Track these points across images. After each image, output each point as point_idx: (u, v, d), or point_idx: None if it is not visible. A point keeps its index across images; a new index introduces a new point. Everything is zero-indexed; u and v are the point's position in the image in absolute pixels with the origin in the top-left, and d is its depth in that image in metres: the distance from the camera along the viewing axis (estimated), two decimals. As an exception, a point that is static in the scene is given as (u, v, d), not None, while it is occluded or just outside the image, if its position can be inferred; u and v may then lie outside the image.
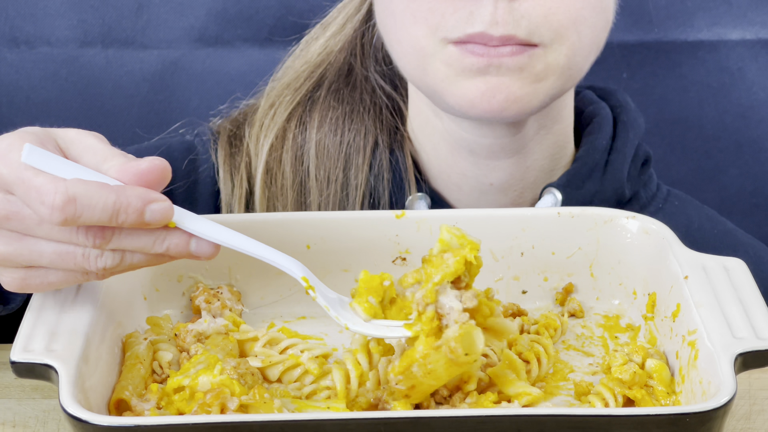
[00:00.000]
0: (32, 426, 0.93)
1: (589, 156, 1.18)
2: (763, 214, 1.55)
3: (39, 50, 1.47)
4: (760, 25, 1.50)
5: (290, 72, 1.24)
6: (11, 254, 0.86)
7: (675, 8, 1.51)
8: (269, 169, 1.19)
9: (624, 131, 1.22)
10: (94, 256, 0.85)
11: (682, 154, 1.55)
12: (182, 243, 0.86)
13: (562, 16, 1.06)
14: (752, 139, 1.54)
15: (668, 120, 1.54)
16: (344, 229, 1.01)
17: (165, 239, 0.86)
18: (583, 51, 1.09)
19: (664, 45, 1.52)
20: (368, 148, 1.19)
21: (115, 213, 0.83)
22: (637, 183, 1.22)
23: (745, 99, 1.52)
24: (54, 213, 0.81)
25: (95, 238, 0.84)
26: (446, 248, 0.88)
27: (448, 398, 0.91)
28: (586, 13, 1.07)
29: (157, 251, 0.86)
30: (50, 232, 0.84)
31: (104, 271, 0.86)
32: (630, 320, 1.01)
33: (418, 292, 0.87)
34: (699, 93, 1.53)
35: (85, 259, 0.85)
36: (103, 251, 0.85)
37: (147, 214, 0.84)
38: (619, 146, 1.20)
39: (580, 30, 1.07)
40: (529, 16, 1.05)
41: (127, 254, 0.86)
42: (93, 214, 0.82)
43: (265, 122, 1.21)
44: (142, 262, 0.87)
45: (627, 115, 1.23)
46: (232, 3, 1.48)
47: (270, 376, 0.94)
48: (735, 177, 1.54)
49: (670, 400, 0.90)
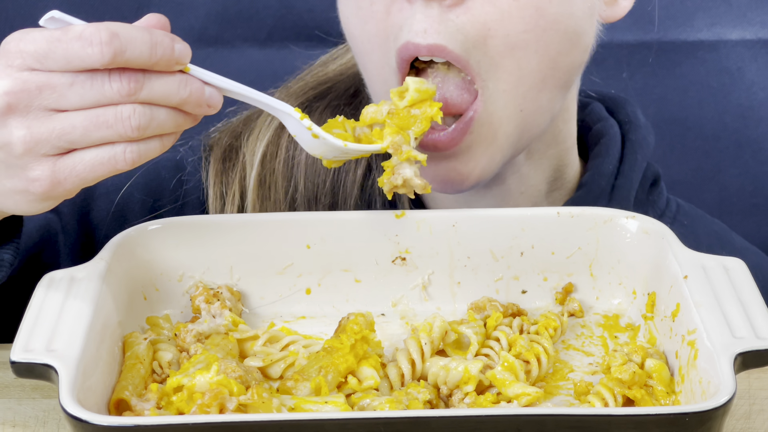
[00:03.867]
0: (32, 426, 0.93)
1: (595, 182, 1.15)
2: (762, 214, 1.55)
3: (39, 50, 1.46)
4: (760, 25, 1.50)
5: (300, 82, 1.23)
6: (44, 134, 0.85)
7: (675, 8, 1.51)
8: (262, 180, 1.18)
9: (632, 153, 1.18)
10: (126, 113, 0.86)
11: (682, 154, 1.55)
12: (199, 88, 0.88)
13: (499, 42, 0.99)
14: (752, 139, 1.54)
15: (668, 120, 1.54)
16: (344, 229, 1.01)
17: (186, 84, 0.87)
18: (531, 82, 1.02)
19: (664, 45, 1.52)
20: (360, 170, 1.17)
21: (153, 46, 0.85)
22: (645, 204, 1.19)
23: (745, 99, 1.52)
24: (104, 49, 0.83)
25: (129, 82, 0.85)
26: (413, 102, 0.98)
27: (448, 398, 0.92)
28: (530, 38, 1.00)
29: (181, 96, 0.87)
30: (82, 93, 0.85)
31: (137, 131, 0.86)
32: (630, 320, 1.01)
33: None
34: (699, 93, 1.53)
35: (117, 120, 0.86)
36: (134, 108, 0.86)
37: (176, 48, 0.86)
38: (626, 170, 1.17)
39: (519, 59, 1.00)
40: (467, 33, 0.99)
41: (156, 110, 0.87)
42: (135, 48, 0.84)
43: (263, 128, 1.20)
44: (167, 122, 0.87)
45: (636, 134, 1.19)
46: (232, 3, 1.49)
47: (272, 374, 0.94)
48: (735, 177, 1.55)
49: (670, 400, 0.91)
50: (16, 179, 0.88)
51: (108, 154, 0.87)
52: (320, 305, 1.02)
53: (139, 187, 1.18)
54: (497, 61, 1.00)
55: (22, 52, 0.85)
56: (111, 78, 0.85)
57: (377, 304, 1.02)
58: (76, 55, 0.84)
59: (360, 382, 0.91)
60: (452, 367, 0.92)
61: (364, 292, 1.02)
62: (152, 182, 1.19)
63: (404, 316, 1.02)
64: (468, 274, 1.02)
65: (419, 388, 0.90)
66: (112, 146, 0.87)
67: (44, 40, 0.84)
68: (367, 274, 1.02)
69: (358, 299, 1.02)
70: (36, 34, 0.85)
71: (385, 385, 0.93)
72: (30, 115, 0.85)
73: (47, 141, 0.86)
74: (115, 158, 0.87)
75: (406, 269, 1.02)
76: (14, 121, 0.86)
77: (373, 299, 1.02)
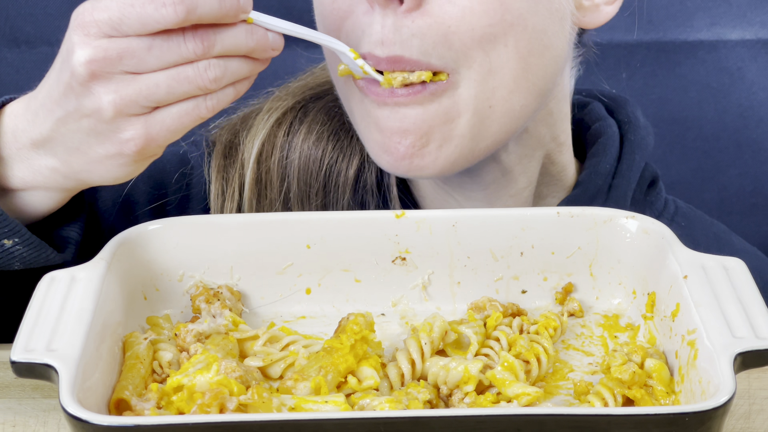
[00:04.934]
0: (32, 426, 0.93)
1: (592, 181, 1.15)
2: (762, 213, 1.55)
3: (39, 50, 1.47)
4: (760, 25, 1.51)
5: (300, 83, 1.23)
6: (132, 95, 0.90)
7: (675, 8, 1.51)
8: (258, 179, 1.18)
9: (630, 153, 1.17)
10: (203, 67, 0.91)
11: (682, 154, 1.55)
12: (264, 35, 0.93)
13: (464, 36, 0.99)
14: (752, 139, 1.54)
15: (668, 120, 1.54)
16: (344, 229, 1.01)
17: (252, 33, 0.92)
18: (502, 78, 1.02)
19: (664, 45, 1.52)
20: (352, 170, 1.17)
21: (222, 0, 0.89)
22: (642, 205, 1.19)
23: (745, 99, 1.52)
24: (177, 8, 0.87)
25: (203, 40, 0.90)
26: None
27: (448, 398, 0.92)
28: (497, 31, 0.99)
29: (248, 45, 0.92)
30: (161, 56, 0.90)
31: (215, 82, 0.91)
32: (629, 320, 1.01)
33: None
34: (699, 93, 1.53)
35: (196, 74, 0.91)
36: (210, 62, 0.91)
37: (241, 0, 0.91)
38: (623, 170, 1.16)
39: (488, 51, 1.00)
40: (423, 36, 0.99)
41: (228, 61, 0.92)
42: (206, 4, 0.89)
43: (260, 125, 1.20)
44: (240, 70, 0.93)
45: (635, 134, 1.19)
46: (232, 3, 1.48)
47: (272, 374, 0.94)
48: (735, 177, 1.55)
49: (670, 400, 0.91)
50: (108, 144, 0.93)
51: (191, 105, 0.92)
52: (320, 305, 1.02)
53: (144, 178, 1.20)
54: (465, 52, 1.00)
55: (98, 21, 0.89)
56: (186, 38, 0.90)
57: (377, 304, 1.02)
58: (151, 17, 0.88)
59: (360, 382, 0.91)
60: (452, 367, 0.92)
61: (364, 292, 1.02)
62: (157, 174, 1.21)
63: (404, 316, 1.02)
64: (468, 274, 1.02)
65: (419, 388, 0.90)
66: (194, 99, 0.92)
67: (117, 6, 0.89)
68: (367, 274, 1.02)
69: (358, 299, 1.02)
70: (108, 2, 0.89)
71: (385, 385, 0.93)
72: (114, 80, 0.90)
73: (135, 102, 0.90)
74: (198, 107, 0.92)
75: (406, 269, 1.02)
76: (100, 88, 0.90)
77: (373, 299, 1.02)
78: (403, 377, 0.93)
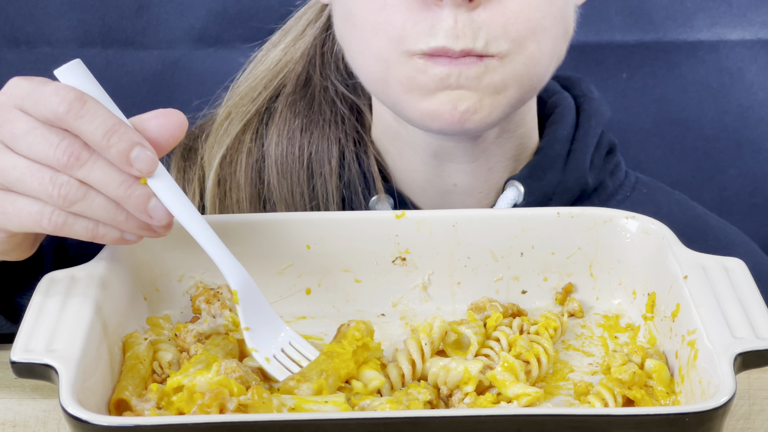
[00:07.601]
0: (32, 426, 0.93)
1: (551, 147, 1.19)
2: (762, 214, 1.55)
3: (39, 50, 1.47)
4: (760, 25, 1.50)
5: (249, 79, 1.23)
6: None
7: (675, 8, 1.51)
8: (222, 182, 1.18)
9: (586, 120, 1.22)
10: (60, 180, 0.86)
11: (682, 154, 1.55)
12: (144, 198, 0.87)
13: (521, 26, 1.05)
14: (752, 139, 1.54)
15: (668, 120, 1.54)
16: (344, 229, 1.01)
17: (131, 186, 0.87)
18: (543, 61, 1.08)
19: (664, 45, 1.52)
20: (334, 159, 1.18)
21: (110, 132, 0.85)
22: (602, 172, 1.22)
23: (745, 99, 1.52)
24: (62, 103, 0.85)
25: (73, 152, 0.86)
26: None
27: (448, 398, 0.92)
28: (546, 23, 1.07)
29: (119, 193, 0.86)
30: (32, 143, 0.86)
31: (65, 201, 0.86)
32: (630, 320, 1.01)
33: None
34: (699, 93, 1.53)
35: (51, 182, 0.86)
36: (69, 180, 0.86)
37: (135, 151, 0.86)
38: (580, 135, 1.21)
39: (539, 40, 1.07)
40: (488, 27, 1.04)
41: (91, 193, 0.87)
42: (92, 122, 0.85)
43: (219, 133, 1.20)
44: (100, 210, 0.87)
45: (589, 104, 1.24)
46: (232, 3, 1.49)
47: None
48: (734, 177, 1.55)
49: (670, 400, 0.91)
50: None
51: (36, 208, 0.88)
52: (320, 305, 1.02)
53: None
54: (519, 42, 1.06)
55: (13, 91, 0.88)
56: (60, 143, 0.86)
57: (377, 305, 1.02)
58: (44, 101, 0.86)
59: (365, 386, 0.91)
60: (452, 368, 0.92)
61: (364, 293, 1.02)
62: None
63: (404, 316, 1.02)
64: (468, 274, 1.02)
65: (419, 388, 0.90)
66: (45, 204, 0.87)
67: (37, 81, 0.87)
68: (367, 274, 1.02)
69: (358, 299, 1.02)
70: (38, 77, 0.88)
71: (385, 386, 0.93)
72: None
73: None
74: (41, 214, 0.88)
75: (406, 269, 1.02)
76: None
77: (373, 299, 1.02)
78: (403, 377, 0.93)
